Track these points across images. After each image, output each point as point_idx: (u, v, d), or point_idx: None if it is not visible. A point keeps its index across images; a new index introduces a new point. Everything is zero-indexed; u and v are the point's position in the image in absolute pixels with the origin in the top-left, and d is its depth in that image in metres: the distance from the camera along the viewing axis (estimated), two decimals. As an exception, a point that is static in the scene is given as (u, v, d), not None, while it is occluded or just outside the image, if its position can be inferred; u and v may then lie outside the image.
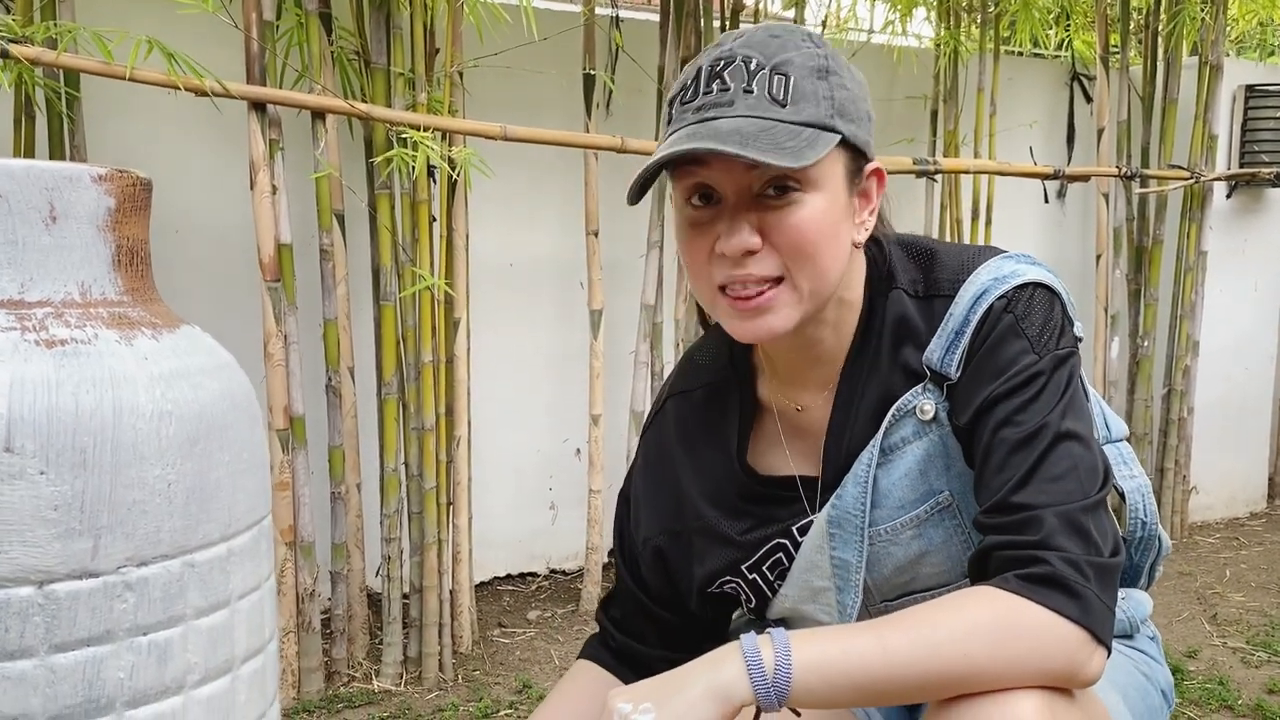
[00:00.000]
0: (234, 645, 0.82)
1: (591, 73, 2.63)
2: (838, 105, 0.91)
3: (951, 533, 1.01)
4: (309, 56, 2.26)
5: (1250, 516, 3.79)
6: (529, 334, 2.98)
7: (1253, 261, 3.68)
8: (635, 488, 1.16)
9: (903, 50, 3.33)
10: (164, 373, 0.79)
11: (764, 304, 0.92)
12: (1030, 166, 3.18)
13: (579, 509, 2.92)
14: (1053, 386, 0.92)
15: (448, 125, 2.30)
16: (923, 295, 1.00)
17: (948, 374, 0.96)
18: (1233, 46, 4.31)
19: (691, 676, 0.86)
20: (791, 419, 1.06)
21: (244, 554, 0.83)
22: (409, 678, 2.39)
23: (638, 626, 1.16)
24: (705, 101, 0.90)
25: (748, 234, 0.90)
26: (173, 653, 0.77)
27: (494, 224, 2.88)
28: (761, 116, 0.88)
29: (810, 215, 0.90)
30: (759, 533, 1.07)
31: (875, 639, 0.85)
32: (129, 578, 0.75)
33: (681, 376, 1.15)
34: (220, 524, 0.80)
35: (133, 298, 0.84)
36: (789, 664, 0.84)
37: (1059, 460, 0.89)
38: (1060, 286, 0.98)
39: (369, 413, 2.52)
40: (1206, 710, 2.25)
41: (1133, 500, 1.15)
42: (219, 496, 0.80)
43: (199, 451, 0.79)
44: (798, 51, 0.91)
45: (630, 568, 1.16)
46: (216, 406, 0.81)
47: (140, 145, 2.47)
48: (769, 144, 0.86)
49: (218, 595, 0.80)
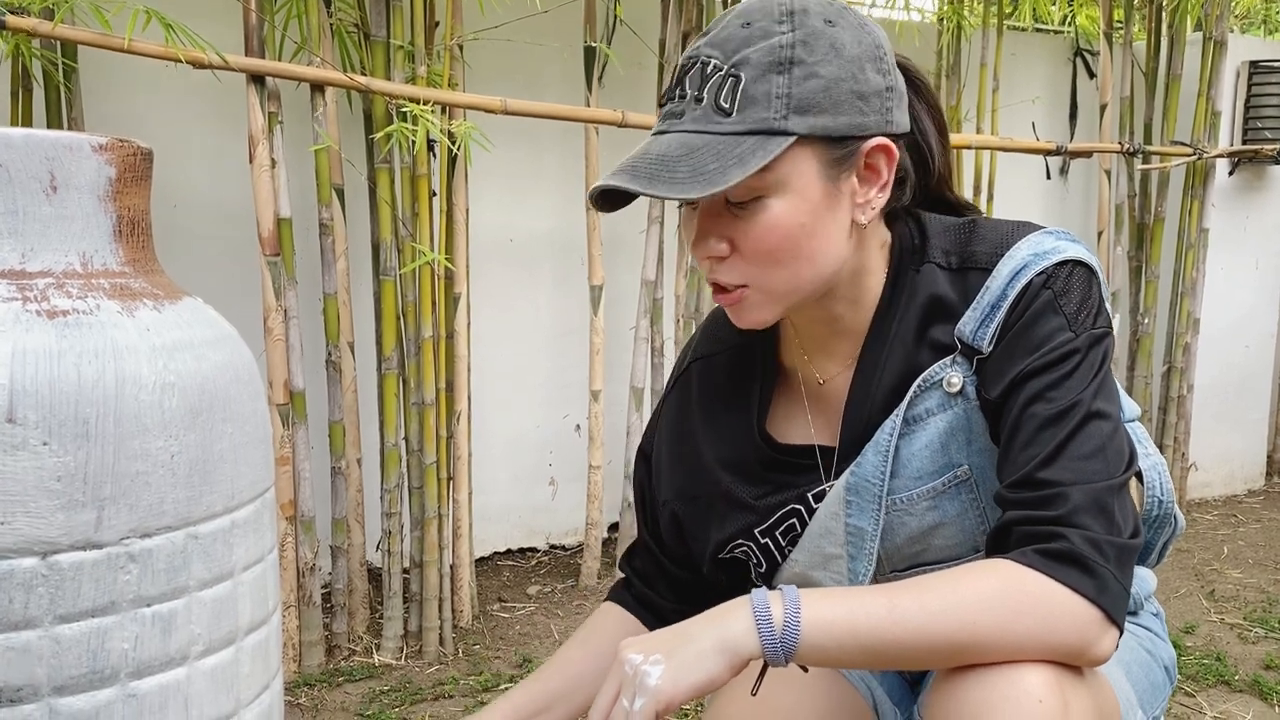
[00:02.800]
0: (238, 617, 0.82)
1: (592, 45, 2.61)
2: (795, 101, 0.87)
3: (967, 506, 1.00)
4: (308, 29, 2.24)
5: (1248, 494, 3.80)
6: (529, 309, 2.98)
7: (1254, 239, 3.68)
8: (656, 449, 1.17)
9: (905, 25, 3.31)
10: (166, 344, 0.78)
11: (738, 302, 0.94)
12: (1033, 142, 3.17)
13: (579, 485, 2.92)
14: (1087, 365, 0.91)
15: (448, 99, 2.28)
16: (956, 268, 0.98)
17: (979, 348, 0.95)
18: (1237, 23, 4.29)
19: (701, 629, 0.87)
20: (814, 388, 1.06)
21: (247, 526, 0.83)
22: (409, 652, 2.40)
23: (654, 579, 1.19)
24: (667, 110, 0.91)
25: (713, 243, 0.92)
26: (177, 624, 0.77)
27: (494, 198, 2.86)
28: (701, 131, 0.87)
29: (774, 220, 0.89)
30: (775, 498, 1.06)
31: (885, 601, 0.85)
32: (132, 549, 0.74)
33: (706, 339, 1.15)
34: (223, 496, 0.80)
35: (134, 268, 0.83)
36: (798, 621, 0.84)
37: (1088, 439, 0.89)
38: (1099, 265, 0.97)
39: (369, 388, 2.52)
40: (1204, 685, 2.26)
41: (1149, 478, 1.15)
42: (222, 468, 0.80)
43: (202, 423, 0.78)
44: (762, 43, 0.88)
45: (650, 525, 1.18)
46: (219, 378, 0.81)
47: (139, 118, 2.45)
48: (687, 171, 0.85)
49: (221, 567, 0.80)
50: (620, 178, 0.87)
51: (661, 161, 0.87)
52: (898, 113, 0.94)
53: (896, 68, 0.96)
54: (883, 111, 0.92)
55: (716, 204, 0.92)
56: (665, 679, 0.84)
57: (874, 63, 0.92)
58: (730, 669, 0.85)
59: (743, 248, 0.91)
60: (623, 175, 0.87)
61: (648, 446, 1.18)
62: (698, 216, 0.93)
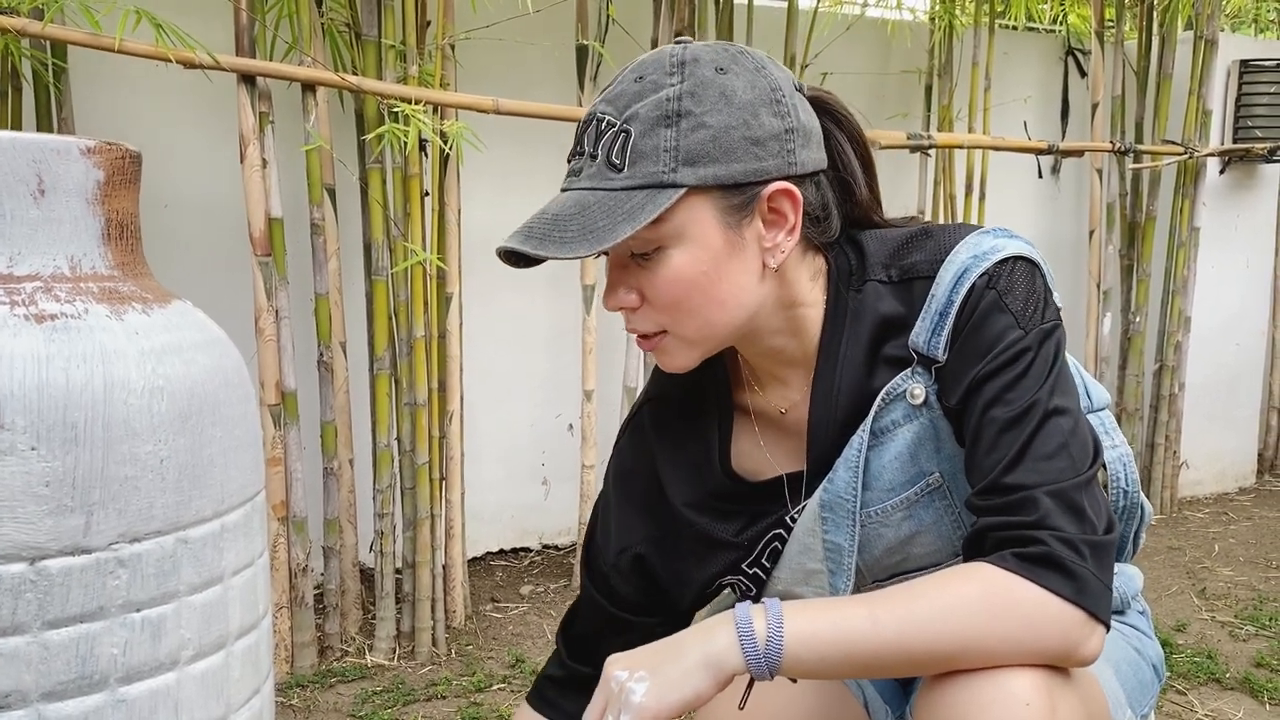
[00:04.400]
0: (228, 621, 0.82)
1: (584, 44, 2.61)
2: (684, 153, 0.87)
3: (942, 513, 1.01)
4: (299, 28, 2.23)
5: (1239, 491, 3.82)
6: (522, 309, 2.98)
7: (1245, 237, 3.69)
8: (607, 499, 1.16)
9: (897, 24, 3.31)
10: (155, 348, 0.78)
11: (655, 348, 0.95)
12: (1024, 141, 3.17)
13: (572, 484, 2.92)
14: (1040, 362, 0.92)
15: (439, 98, 2.28)
16: (898, 280, 0.98)
17: (935, 356, 0.95)
18: (1228, 22, 4.30)
19: (686, 646, 0.87)
20: (774, 419, 1.06)
21: (237, 530, 0.83)
22: (402, 652, 2.39)
23: (594, 645, 1.14)
24: (570, 168, 0.93)
25: (622, 294, 0.93)
26: (166, 629, 0.77)
27: (486, 198, 2.86)
28: (594, 188, 0.88)
29: (675, 271, 0.90)
30: (754, 529, 1.07)
31: (868, 612, 0.85)
32: (122, 554, 0.74)
33: (656, 383, 1.14)
34: (213, 500, 0.80)
35: (123, 272, 0.83)
36: (781, 635, 0.84)
37: (1050, 438, 0.89)
38: (1039, 257, 0.97)
39: (361, 388, 2.52)
40: (1195, 683, 2.27)
41: (1114, 469, 1.16)
42: (212, 472, 0.80)
43: (191, 427, 0.78)
44: (651, 98, 0.88)
45: (598, 583, 1.15)
46: (209, 382, 0.81)
47: (129, 118, 2.45)
48: (577, 229, 0.86)
49: (211, 571, 0.80)
50: (515, 239, 0.88)
51: (555, 221, 0.88)
52: (803, 153, 0.93)
53: (806, 104, 0.95)
54: (783, 155, 0.91)
55: (623, 257, 0.93)
56: (650, 696, 0.84)
57: (770, 106, 0.90)
58: (715, 685, 0.85)
59: (650, 297, 0.92)
60: (517, 236, 0.89)
61: (601, 501, 1.17)
62: (609, 268, 0.94)
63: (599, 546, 1.15)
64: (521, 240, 0.88)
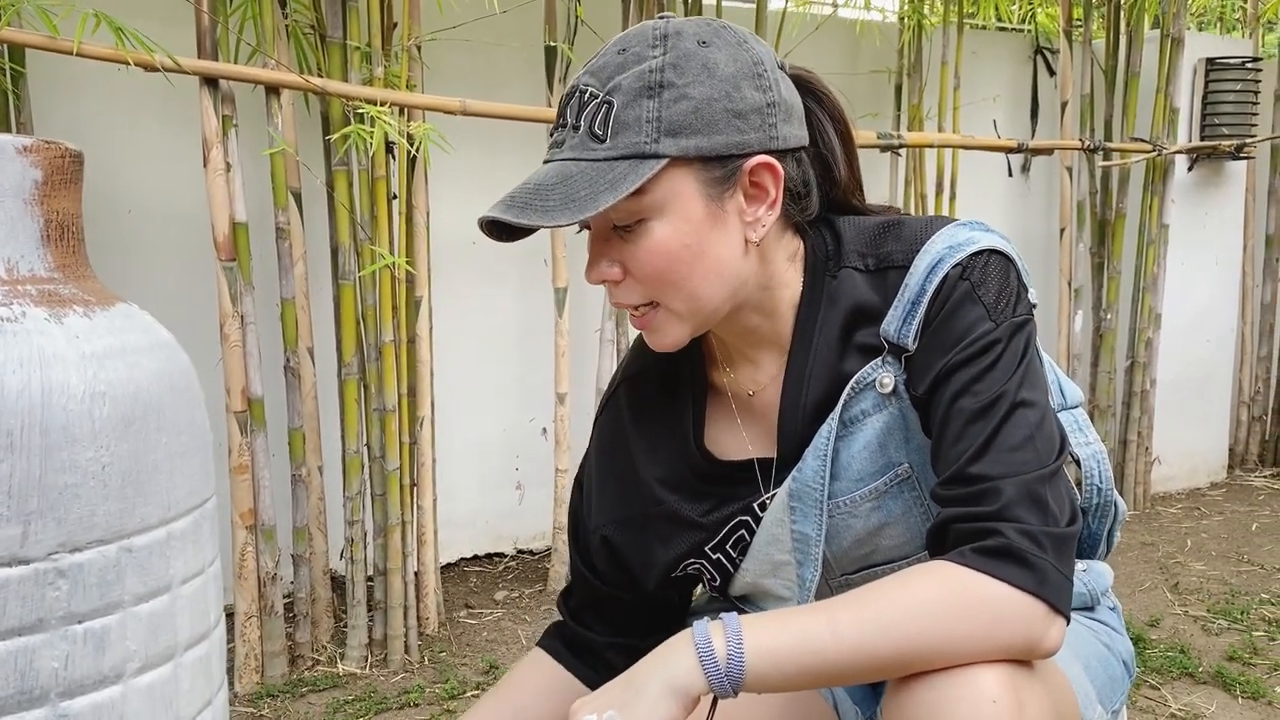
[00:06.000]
0: (176, 632, 0.80)
1: (553, 45, 2.59)
2: (666, 124, 0.87)
3: (911, 504, 1.00)
4: (262, 31, 2.21)
5: (1211, 486, 3.84)
6: (494, 312, 2.96)
7: (1213, 234, 3.71)
8: (587, 474, 1.16)
9: (866, 24, 3.31)
10: (96, 351, 0.76)
11: (646, 324, 0.95)
12: (994, 140, 3.18)
13: (546, 488, 2.90)
14: (1009, 354, 0.91)
15: (405, 100, 2.26)
16: (874, 269, 0.98)
17: (905, 345, 0.95)
18: (1194, 20, 4.33)
19: (648, 674, 0.86)
20: (745, 401, 1.06)
21: (185, 538, 0.81)
22: (374, 660, 2.37)
23: (590, 614, 1.17)
24: (553, 140, 0.93)
25: (605, 267, 0.93)
26: (110, 641, 0.75)
27: (456, 200, 2.83)
28: (577, 158, 0.88)
29: (658, 243, 0.90)
30: (721, 512, 1.06)
31: (826, 621, 0.84)
32: (62, 564, 0.72)
33: (634, 360, 1.14)
34: (159, 507, 0.78)
35: (64, 274, 0.80)
36: (741, 651, 0.83)
37: (1016, 429, 0.88)
38: (1014, 252, 0.97)
39: (330, 394, 2.49)
40: (1168, 678, 2.28)
41: (1088, 467, 1.16)
42: (157, 479, 0.78)
43: (134, 433, 0.76)
44: (634, 69, 0.88)
45: (582, 554, 1.16)
46: (154, 386, 0.78)
47: (90, 122, 2.41)
48: (559, 198, 0.86)
49: (158, 581, 0.78)
50: (497, 208, 0.88)
51: (536, 191, 0.88)
52: (784, 128, 0.93)
53: (788, 81, 0.96)
54: (764, 129, 0.91)
55: (605, 229, 0.92)
56: None
57: (752, 80, 0.91)
58: (684, 709, 0.85)
59: (633, 270, 0.92)
60: (500, 206, 0.88)
61: (581, 475, 1.18)
62: (590, 242, 0.94)
63: (582, 519, 1.16)
64: (504, 209, 0.87)
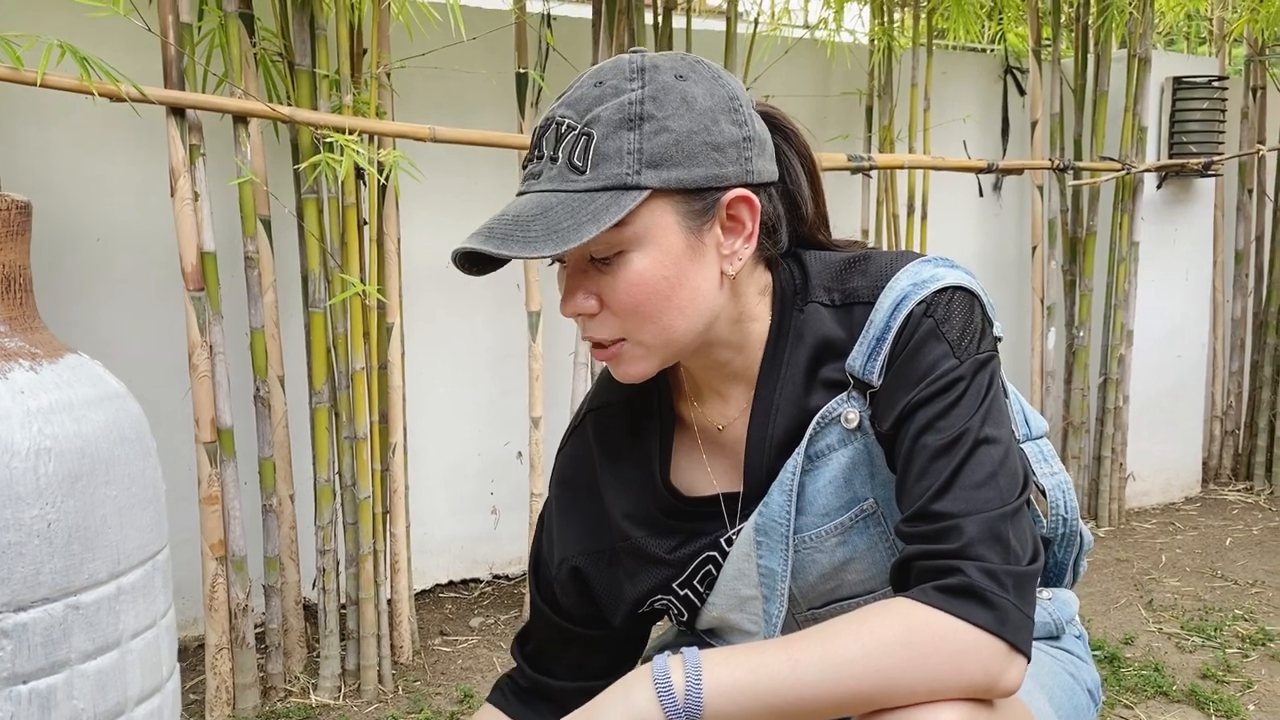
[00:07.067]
0: (126, 687, 0.79)
1: (523, 71, 2.60)
2: (648, 156, 0.87)
3: (876, 540, 1.00)
4: (230, 59, 2.20)
5: (1185, 501, 3.86)
6: (467, 337, 2.95)
7: (1184, 251, 3.75)
8: (550, 509, 1.15)
9: (837, 46, 3.34)
10: (42, 407, 0.75)
11: (613, 357, 0.94)
12: (964, 161, 3.21)
13: (521, 513, 2.89)
14: (973, 391, 0.92)
15: (374, 127, 2.26)
16: (840, 304, 0.99)
17: (870, 381, 0.95)
18: (1162, 39, 4.38)
19: (607, 709, 0.85)
20: (712, 435, 1.05)
21: (136, 592, 0.80)
22: (347, 691, 2.35)
23: (548, 657, 1.15)
24: (527, 172, 0.92)
25: (580, 299, 0.92)
26: (56, 700, 0.73)
27: (429, 226, 2.83)
28: (556, 190, 0.88)
29: (637, 275, 0.90)
30: (688, 548, 1.06)
31: (786, 658, 0.84)
32: (5, 624, 0.71)
33: (601, 392, 1.13)
34: (108, 562, 0.77)
35: (10, 327, 0.80)
36: (699, 686, 0.83)
37: (979, 467, 0.89)
38: (979, 289, 0.98)
39: (301, 422, 2.47)
40: (1142, 697, 2.28)
41: (1053, 497, 1.16)
42: (106, 534, 0.77)
43: (81, 488, 0.75)
44: (612, 101, 0.88)
45: (544, 592, 1.15)
46: (102, 440, 0.77)
47: (57, 152, 2.40)
48: (541, 229, 0.85)
49: (106, 637, 0.77)
50: (475, 240, 0.87)
51: (516, 222, 0.87)
52: (759, 162, 0.94)
53: (759, 117, 0.96)
54: (741, 162, 0.92)
55: (582, 261, 0.92)
56: None
57: (728, 114, 0.91)
58: None
59: (610, 303, 0.91)
60: (477, 238, 0.87)
61: (545, 511, 1.16)
62: (566, 275, 0.93)
63: (544, 557, 1.14)
64: (482, 240, 0.86)
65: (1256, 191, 4.00)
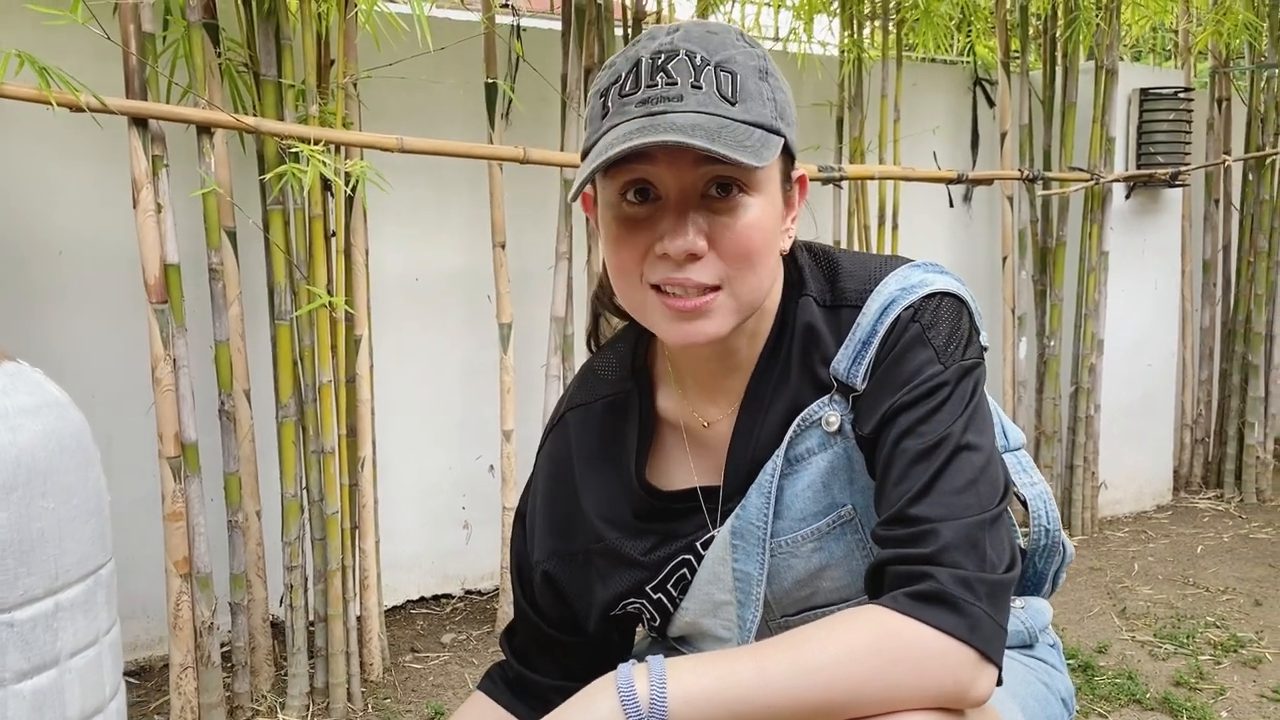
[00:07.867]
0: (65, 708, 0.76)
1: (492, 82, 2.58)
2: (779, 107, 0.89)
3: (853, 546, 0.99)
4: (193, 69, 2.18)
5: (1156, 509, 3.88)
6: (437, 349, 2.92)
7: (1152, 260, 3.77)
8: (530, 507, 1.12)
9: (807, 57, 3.34)
10: (-23, 416, 0.72)
11: (702, 308, 0.88)
12: (934, 171, 3.22)
13: (493, 527, 2.86)
14: (957, 397, 0.91)
15: (340, 138, 2.23)
16: (830, 305, 0.98)
17: (854, 385, 0.94)
18: (1128, 52, 4.43)
19: (568, 718, 0.83)
20: (696, 433, 1.04)
21: (75, 608, 0.77)
22: (316, 709, 2.31)
23: (534, 654, 1.13)
24: (650, 95, 0.86)
25: (693, 236, 0.86)
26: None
27: (398, 238, 2.81)
28: (714, 114, 0.85)
29: (755, 220, 0.88)
30: (662, 551, 1.04)
31: (754, 665, 0.82)
32: (-65, 642, 0.68)
33: (580, 389, 1.11)
34: (45, 577, 0.74)
35: (-55, 334, 0.77)
36: (664, 696, 0.81)
37: (960, 472, 0.88)
38: (968, 295, 0.97)
39: (267, 436, 2.44)
40: (1116, 705, 2.28)
41: (1035, 507, 1.15)
42: (43, 547, 0.74)
43: (16, 500, 0.73)
44: (738, 50, 0.89)
45: (526, 592, 1.13)
46: (39, 449, 0.75)
47: (19, 162, 2.36)
48: (731, 141, 0.83)
49: (43, 655, 0.74)
50: (669, 133, 0.81)
51: (703, 129, 0.82)
52: None
53: None
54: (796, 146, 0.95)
55: (692, 198, 0.87)
56: None
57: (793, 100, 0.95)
58: None
59: (721, 244, 0.87)
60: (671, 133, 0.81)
61: (524, 508, 1.13)
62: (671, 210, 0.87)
63: (525, 557, 1.12)
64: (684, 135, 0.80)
65: (1223, 201, 4.04)
